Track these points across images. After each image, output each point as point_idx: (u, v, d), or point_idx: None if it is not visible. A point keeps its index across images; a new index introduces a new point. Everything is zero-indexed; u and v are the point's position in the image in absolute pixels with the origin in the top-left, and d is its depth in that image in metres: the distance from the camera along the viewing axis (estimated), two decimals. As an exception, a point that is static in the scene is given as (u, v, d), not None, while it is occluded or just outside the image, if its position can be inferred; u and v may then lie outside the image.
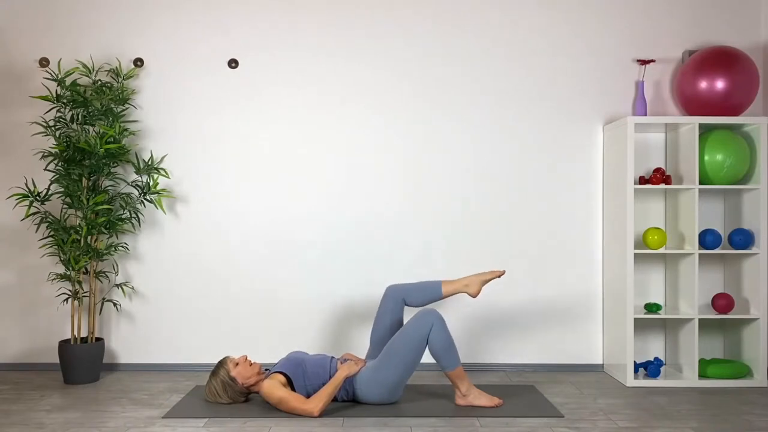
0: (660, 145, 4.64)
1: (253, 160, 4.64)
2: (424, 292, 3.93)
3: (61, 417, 3.62)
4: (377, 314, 3.97)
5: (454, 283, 3.94)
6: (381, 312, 3.96)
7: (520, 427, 3.46)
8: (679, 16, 4.66)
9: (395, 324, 3.94)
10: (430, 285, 3.94)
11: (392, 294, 3.95)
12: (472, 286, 3.93)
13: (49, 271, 4.64)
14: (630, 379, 4.24)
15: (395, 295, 3.94)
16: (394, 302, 3.94)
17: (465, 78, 4.65)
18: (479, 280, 3.93)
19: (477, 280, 3.93)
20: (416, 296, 3.94)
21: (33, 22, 4.64)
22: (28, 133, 4.63)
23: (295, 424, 3.47)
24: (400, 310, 3.95)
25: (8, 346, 4.64)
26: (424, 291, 3.93)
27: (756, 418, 3.61)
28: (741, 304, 4.44)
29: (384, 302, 3.96)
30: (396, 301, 3.93)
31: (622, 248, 4.31)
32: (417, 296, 3.94)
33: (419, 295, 3.94)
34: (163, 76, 4.65)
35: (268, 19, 4.65)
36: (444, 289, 3.93)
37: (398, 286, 3.97)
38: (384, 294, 3.99)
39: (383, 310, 3.95)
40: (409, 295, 3.94)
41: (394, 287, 3.97)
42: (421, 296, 3.94)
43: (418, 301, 3.94)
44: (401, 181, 4.65)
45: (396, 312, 3.94)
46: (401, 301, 3.94)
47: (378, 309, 3.99)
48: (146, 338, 4.64)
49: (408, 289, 3.95)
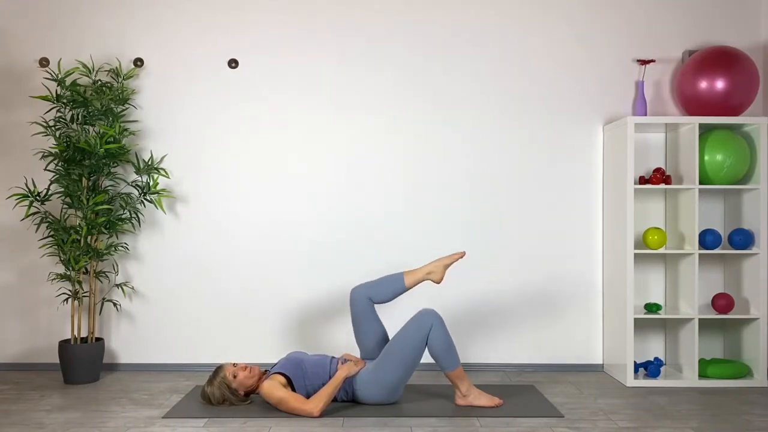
0: (660, 145, 4.64)
1: (253, 160, 4.64)
2: (388, 287, 3.90)
3: (61, 417, 3.62)
4: (352, 321, 3.94)
5: (417, 272, 3.92)
6: (355, 319, 3.93)
7: (520, 427, 3.46)
8: (679, 16, 4.66)
9: (377, 328, 3.92)
10: (392, 278, 3.91)
11: (357, 296, 3.91)
12: (435, 272, 3.91)
13: (49, 271, 4.64)
14: (630, 379, 4.24)
15: (360, 297, 3.90)
16: (362, 304, 3.90)
17: (465, 78, 4.65)
18: (441, 264, 3.92)
19: (439, 265, 3.92)
20: (381, 292, 3.90)
21: (33, 22, 4.64)
22: (28, 133, 4.63)
23: (295, 424, 3.47)
24: (371, 308, 3.91)
25: (8, 346, 4.64)
26: (387, 286, 3.90)
27: (756, 418, 3.61)
28: (741, 304, 4.44)
29: (353, 306, 3.92)
30: (363, 302, 3.90)
31: (622, 248, 4.31)
32: (381, 292, 3.90)
33: (383, 291, 3.90)
34: (163, 76, 4.65)
35: (268, 19, 4.65)
36: (407, 279, 3.91)
37: (361, 286, 3.93)
38: (350, 298, 3.94)
39: (355, 316, 3.92)
40: (374, 293, 3.90)
41: (357, 289, 3.93)
42: (385, 291, 3.90)
43: (384, 297, 3.91)
44: (401, 181, 4.65)
45: (367, 313, 3.90)
46: (368, 301, 3.91)
47: (351, 315, 3.95)
48: (146, 338, 4.64)
49: (371, 287, 3.91)
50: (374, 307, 3.96)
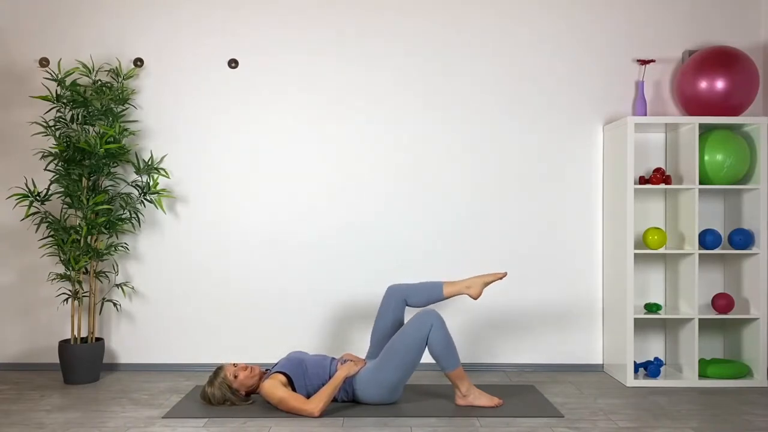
0: (660, 145, 4.64)
1: (253, 159, 4.64)
2: (426, 293, 3.93)
3: (61, 417, 3.62)
4: (378, 313, 3.98)
5: (456, 284, 3.94)
6: (382, 311, 3.96)
7: (520, 427, 3.46)
8: (679, 16, 4.66)
9: (396, 324, 3.94)
10: (431, 286, 3.94)
11: (393, 294, 3.95)
12: (473, 287, 3.93)
13: (49, 271, 4.64)
14: (630, 379, 4.24)
15: (396, 295, 3.94)
16: (396, 302, 3.94)
17: (465, 79, 4.65)
18: (481, 281, 3.93)
19: (479, 282, 3.93)
20: (417, 296, 3.94)
21: (33, 22, 4.64)
22: (28, 133, 4.63)
23: (295, 424, 3.47)
24: (401, 309, 3.95)
25: (8, 346, 4.64)
26: (425, 291, 3.93)
27: (756, 418, 3.61)
28: (741, 304, 4.44)
29: (385, 302, 3.96)
30: (397, 300, 3.93)
31: (622, 248, 4.31)
32: (418, 297, 3.94)
33: (420, 296, 3.93)
34: (163, 76, 4.65)
35: (268, 19, 4.65)
36: (445, 290, 3.93)
37: (400, 285, 3.97)
38: (385, 293, 3.99)
39: (384, 310, 3.95)
40: (411, 296, 3.94)
41: (396, 287, 3.97)
42: (423, 297, 3.93)
43: (420, 302, 3.94)
44: (401, 182, 4.65)
45: (397, 312, 3.94)
46: (402, 301, 3.94)
47: (379, 308, 3.99)
48: (146, 338, 4.64)
49: (409, 289, 3.95)
50: (404, 309, 3.97)
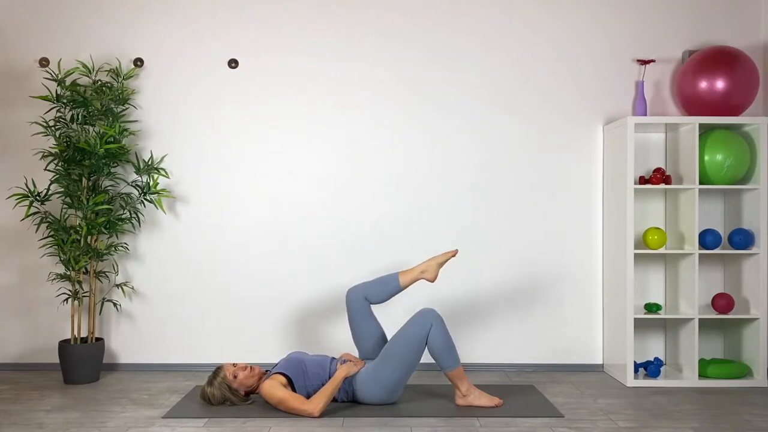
0: (660, 145, 4.64)
1: (253, 159, 4.64)
2: (384, 287, 3.93)
3: (61, 417, 3.62)
4: (349, 321, 3.96)
5: (411, 271, 3.95)
6: (351, 317, 3.95)
7: (520, 427, 3.46)
8: (679, 16, 4.66)
9: (369, 323, 3.93)
10: (387, 278, 3.94)
11: (354, 297, 3.94)
12: (428, 271, 3.94)
13: (49, 271, 4.64)
14: (630, 379, 4.24)
15: (357, 297, 3.93)
16: (359, 304, 3.93)
17: (465, 79, 4.65)
18: (435, 263, 3.95)
19: (433, 264, 3.95)
20: (376, 292, 3.93)
21: (33, 22, 4.64)
22: (28, 133, 4.63)
23: (295, 424, 3.47)
24: (368, 308, 3.94)
25: (8, 346, 4.64)
26: (383, 285, 3.93)
27: (756, 418, 3.61)
28: (741, 304, 4.44)
29: (349, 307, 3.95)
30: (360, 302, 3.93)
31: (622, 248, 4.31)
32: (377, 292, 3.93)
33: (379, 291, 3.93)
34: (163, 76, 4.65)
35: (269, 19, 4.65)
36: (401, 279, 3.93)
37: (357, 287, 3.96)
38: (346, 298, 3.96)
39: (351, 316, 3.94)
40: (370, 293, 3.93)
41: (353, 289, 3.95)
42: (381, 291, 3.93)
43: (380, 297, 3.94)
44: (401, 182, 4.65)
45: (364, 313, 3.93)
46: (364, 301, 3.94)
47: (348, 316, 3.97)
48: (146, 338, 4.64)
49: (367, 287, 3.94)
50: (371, 307, 3.98)
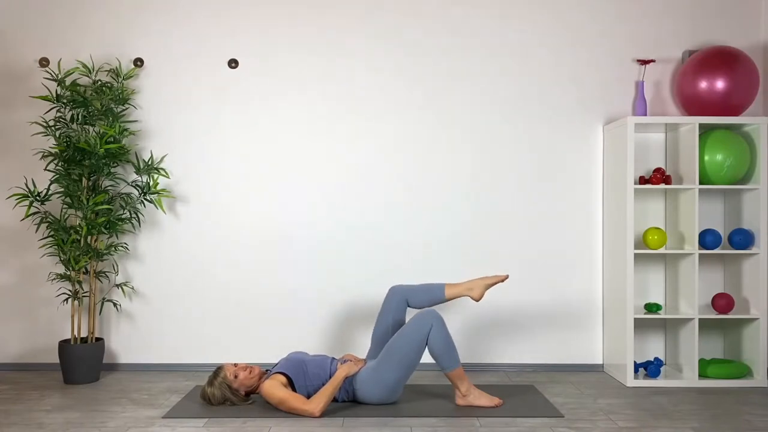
0: (660, 145, 4.64)
1: (254, 159, 4.64)
2: (428, 294, 3.94)
3: (61, 417, 3.62)
4: (380, 313, 3.98)
5: (458, 286, 3.94)
6: (383, 311, 3.96)
7: (520, 427, 3.46)
8: (679, 16, 4.66)
9: (397, 324, 3.94)
10: (433, 287, 3.95)
11: (396, 294, 3.96)
12: (475, 289, 3.93)
13: (49, 271, 4.64)
14: (630, 379, 4.24)
15: (398, 296, 3.95)
16: (397, 302, 3.95)
17: (465, 79, 4.65)
18: (483, 284, 3.94)
19: (480, 284, 3.94)
20: (419, 298, 3.94)
21: (33, 22, 4.64)
22: (28, 133, 4.63)
23: (295, 424, 3.47)
24: (403, 310, 3.96)
25: (8, 346, 4.64)
26: (427, 293, 3.94)
27: (756, 418, 3.61)
28: (741, 304, 4.44)
29: (387, 302, 3.97)
30: (399, 301, 3.94)
31: (622, 248, 4.31)
32: (420, 298, 3.94)
33: (422, 297, 3.94)
34: (163, 76, 4.65)
35: (269, 19, 4.65)
36: (447, 292, 3.94)
37: (402, 286, 3.98)
38: (387, 294, 3.99)
39: (386, 310, 3.96)
40: (413, 297, 3.95)
41: (398, 287, 3.97)
42: (425, 298, 3.94)
43: (421, 303, 3.95)
44: (402, 182, 4.65)
45: (398, 312, 3.95)
46: (404, 302, 3.95)
47: (381, 308, 4.00)
48: (146, 338, 4.64)
49: (412, 290, 3.96)
50: (406, 310, 3.99)
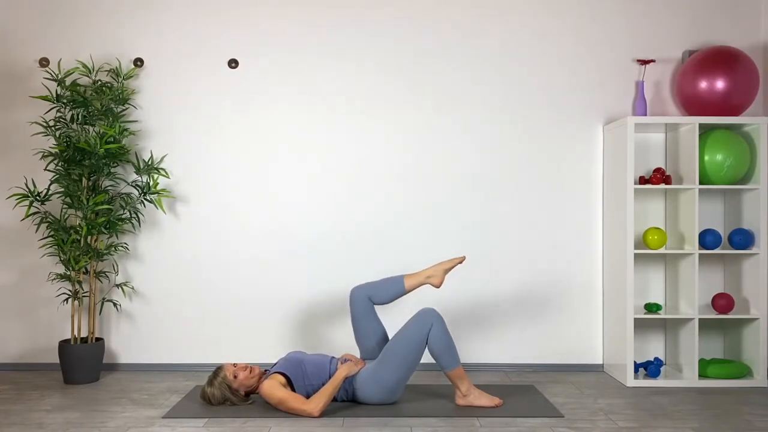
0: (660, 145, 4.64)
1: (254, 159, 4.64)
2: (388, 289, 3.94)
3: (61, 417, 3.62)
4: (352, 320, 3.97)
5: (416, 275, 3.96)
6: (355, 318, 3.96)
7: (520, 427, 3.46)
8: (679, 16, 4.66)
9: (372, 323, 3.94)
10: (392, 280, 3.95)
11: (357, 296, 3.94)
12: (434, 276, 3.95)
13: (49, 271, 4.64)
14: (630, 379, 4.24)
15: (361, 296, 3.94)
16: (362, 304, 3.94)
17: (465, 79, 4.65)
18: (441, 269, 3.96)
19: (439, 270, 3.96)
20: (381, 293, 3.94)
21: (33, 22, 4.64)
22: (28, 133, 4.63)
23: (295, 424, 3.47)
24: (371, 308, 3.95)
25: (8, 346, 4.64)
26: (387, 287, 3.94)
27: (756, 418, 3.61)
28: (741, 304, 4.44)
29: (353, 306, 3.95)
30: (363, 302, 3.94)
31: (622, 248, 4.31)
32: (381, 293, 3.94)
33: (383, 292, 3.94)
34: (163, 76, 4.65)
35: (269, 19, 4.65)
36: (407, 282, 3.95)
37: (361, 286, 3.97)
38: (350, 298, 3.97)
39: (354, 315, 3.95)
40: (374, 294, 3.94)
41: (357, 289, 3.96)
42: (386, 293, 3.94)
43: (384, 298, 3.95)
44: (401, 182, 4.65)
45: (367, 312, 3.94)
46: (368, 301, 3.94)
47: (351, 314, 3.98)
48: (146, 338, 4.64)
49: (371, 287, 3.95)
50: (374, 308, 3.98)
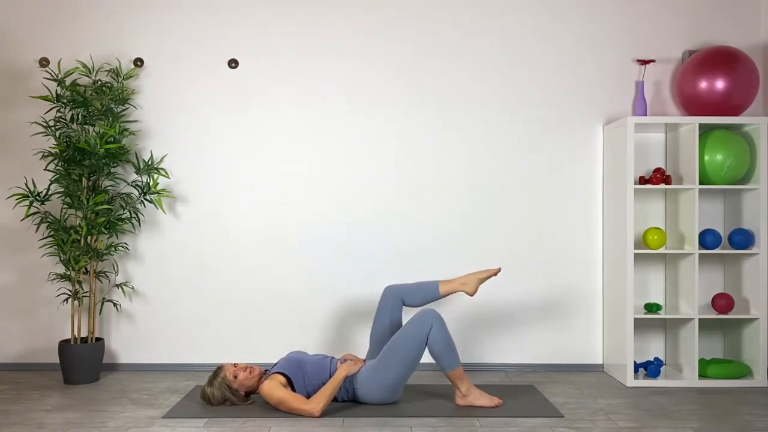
0: (660, 145, 4.64)
1: (253, 159, 4.64)
2: (422, 292, 3.95)
3: (61, 417, 3.62)
4: (376, 314, 3.98)
5: (452, 282, 3.95)
6: (380, 311, 3.97)
7: (520, 427, 3.46)
8: (679, 16, 4.66)
9: (394, 324, 3.94)
10: (427, 285, 3.95)
11: (390, 294, 3.96)
12: (469, 284, 3.95)
13: (49, 271, 4.64)
14: (630, 379, 4.24)
15: (393, 295, 3.95)
16: (393, 302, 3.95)
17: (465, 79, 4.65)
18: (476, 278, 3.95)
19: (474, 279, 3.95)
20: (414, 296, 3.95)
21: (33, 22, 4.64)
22: (28, 133, 4.63)
23: (295, 424, 3.47)
24: (399, 309, 3.96)
25: (8, 346, 4.64)
26: (421, 291, 3.95)
27: (756, 418, 3.61)
28: (741, 304, 4.44)
29: (382, 302, 3.97)
30: (394, 300, 3.95)
31: (622, 248, 4.31)
32: (415, 296, 3.95)
33: (417, 295, 3.95)
34: (163, 76, 4.65)
35: (268, 19, 4.65)
36: (441, 288, 3.94)
37: (396, 286, 3.98)
38: (382, 294, 4.00)
39: (382, 310, 3.96)
40: (408, 296, 3.95)
41: (393, 287, 3.97)
42: (419, 296, 3.95)
43: (416, 301, 3.95)
44: (401, 181, 4.65)
45: (395, 311, 3.95)
46: (399, 301, 3.95)
47: (377, 309, 4.00)
48: (146, 338, 4.64)
49: (406, 289, 3.96)
50: (402, 309, 3.99)
